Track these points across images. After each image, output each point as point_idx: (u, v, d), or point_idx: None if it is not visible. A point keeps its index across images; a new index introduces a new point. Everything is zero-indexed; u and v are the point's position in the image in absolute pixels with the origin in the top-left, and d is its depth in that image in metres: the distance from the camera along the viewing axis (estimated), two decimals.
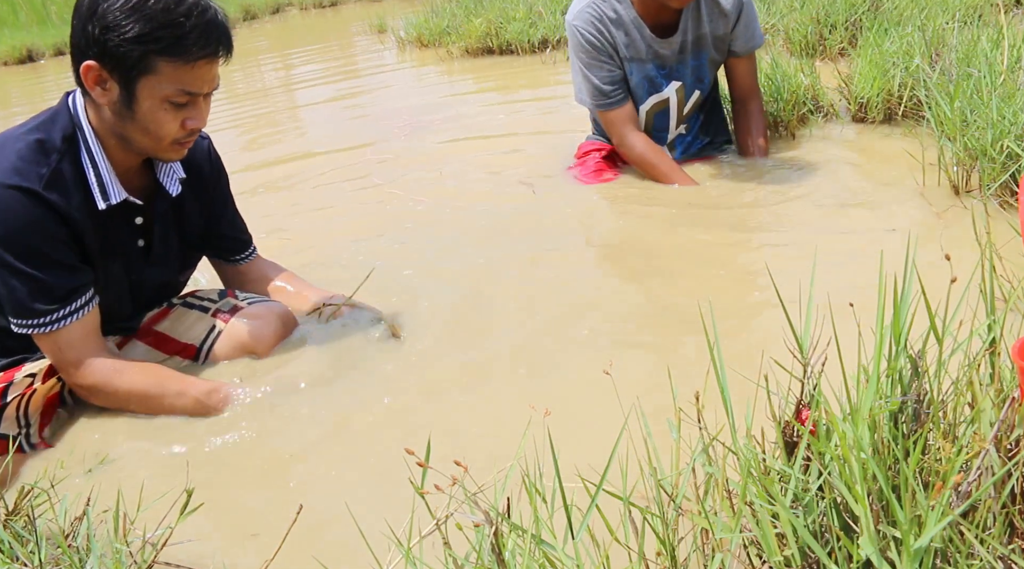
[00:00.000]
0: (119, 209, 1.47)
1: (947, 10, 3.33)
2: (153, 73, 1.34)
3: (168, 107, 1.37)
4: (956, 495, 0.72)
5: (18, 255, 1.35)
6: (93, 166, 1.42)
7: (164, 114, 1.38)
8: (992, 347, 0.89)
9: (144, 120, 1.38)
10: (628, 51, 2.32)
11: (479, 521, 0.75)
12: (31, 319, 1.39)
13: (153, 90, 1.35)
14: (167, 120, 1.39)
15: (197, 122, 1.42)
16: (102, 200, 1.42)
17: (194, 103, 1.40)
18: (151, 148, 1.43)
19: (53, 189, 1.36)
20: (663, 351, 1.54)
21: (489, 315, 1.76)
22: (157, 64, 1.33)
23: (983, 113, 1.99)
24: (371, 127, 3.79)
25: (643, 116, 2.44)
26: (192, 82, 1.37)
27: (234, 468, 1.33)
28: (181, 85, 1.35)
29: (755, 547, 0.85)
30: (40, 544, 0.95)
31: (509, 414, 1.37)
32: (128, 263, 1.54)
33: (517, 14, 5.40)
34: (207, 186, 1.68)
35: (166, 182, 1.55)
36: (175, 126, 1.40)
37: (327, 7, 11.02)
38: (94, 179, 1.42)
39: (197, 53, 1.33)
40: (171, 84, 1.35)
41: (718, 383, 0.86)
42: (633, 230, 2.16)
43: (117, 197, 1.44)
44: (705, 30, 2.33)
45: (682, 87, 2.40)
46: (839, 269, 1.74)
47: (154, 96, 1.36)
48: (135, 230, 1.53)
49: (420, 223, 2.40)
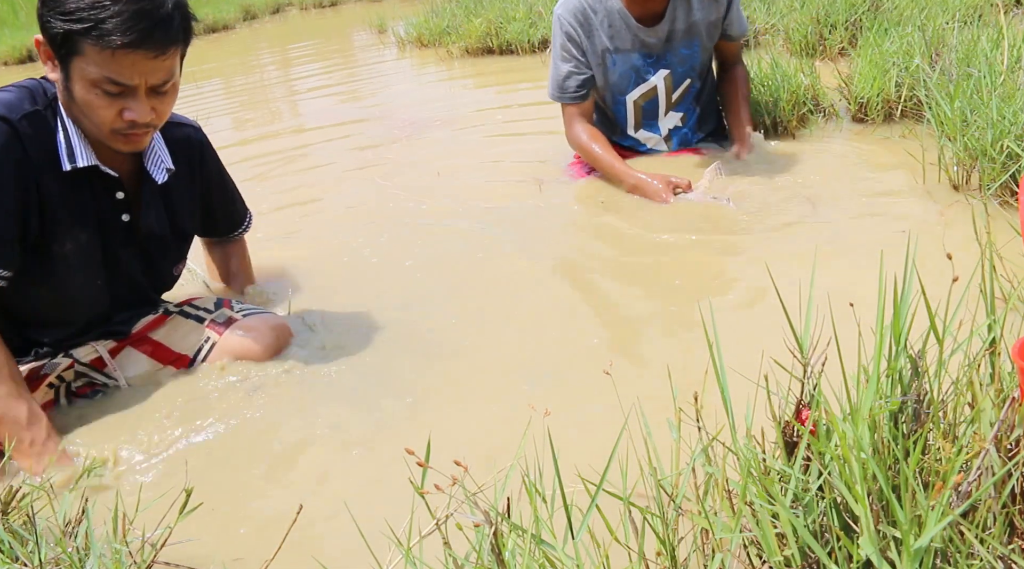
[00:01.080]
0: (96, 178, 1.43)
1: (947, 10, 3.33)
2: (80, 55, 1.27)
3: (100, 93, 1.30)
4: (956, 495, 0.72)
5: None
6: (63, 129, 1.37)
7: (96, 99, 1.30)
8: (992, 347, 0.89)
9: (80, 103, 1.32)
10: (612, 43, 2.33)
11: (479, 521, 0.75)
12: None
13: (82, 72, 1.28)
14: (100, 106, 1.31)
15: (135, 114, 1.32)
16: (68, 161, 1.37)
17: (131, 94, 1.31)
18: (95, 134, 1.37)
19: (30, 126, 1.33)
20: (663, 351, 1.54)
21: (489, 315, 1.76)
22: (82, 46, 1.26)
23: (983, 113, 1.99)
24: (371, 127, 3.79)
25: (630, 106, 2.44)
26: (119, 72, 1.27)
27: (234, 469, 1.33)
28: (108, 73, 1.27)
29: (755, 547, 0.85)
30: (40, 544, 0.95)
31: (509, 414, 1.37)
32: (106, 235, 1.49)
33: (517, 14, 5.39)
34: (196, 179, 1.66)
35: (152, 169, 1.51)
36: (110, 114, 1.32)
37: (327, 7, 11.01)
38: (62, 139, 1.37)
39: (117, 42, 1.24)
40: (98, 69, 1.27)
41: (718, 383, 0.86)
42: (632, 230, 2.16)
43: (84, 161, 1.38)
44: (696, 18, 2.34)
45: (670, 75, 2.40)
46: (839, 269, 1.74)
47: (84, 78, 1.29)
48: (117, 204, 1.49)
49: (420, 223, 2.40)
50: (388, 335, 1.70)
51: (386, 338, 1.69)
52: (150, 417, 1.48)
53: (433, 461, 0.82)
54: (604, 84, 2.41)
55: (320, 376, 1.56)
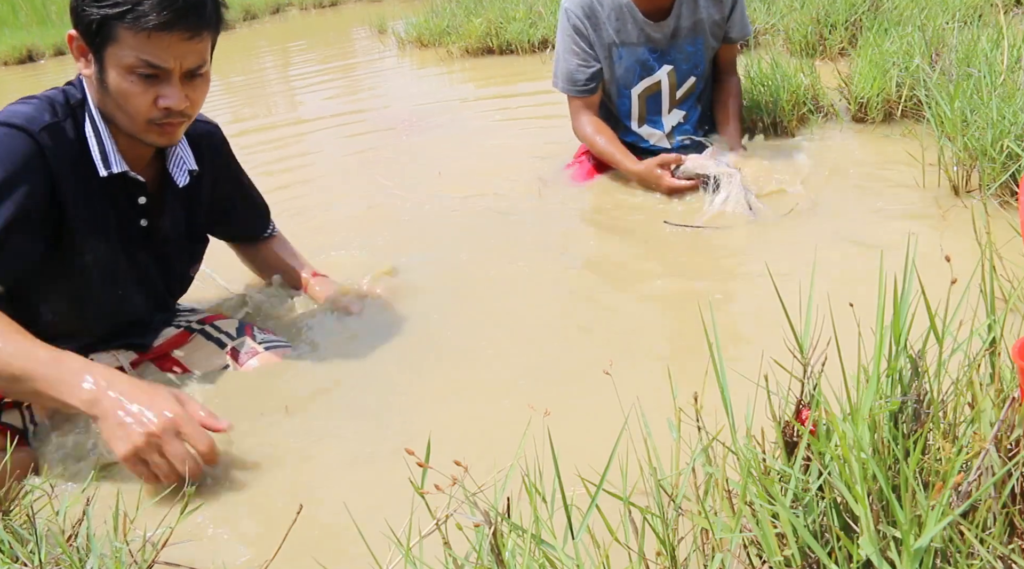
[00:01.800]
0: (120, 184, 1.42)
1: (947, 10, 3.33)
2: (115, 41, 1.27)
3: (135, 79, 1.29)
4: (956, 495, 0.72)
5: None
6: (96, 133, 1.36)
7: (131, 86, 1.30)
8: (992, 347, 0.89)
9: (115, 93, 1.31)
10: (619, 36, 2.34)
11: (479, 521, 0.75)
12: None
13: (117, 59, 1.28)
14: (135, 93, 1.30)
15: (170, 100, 1.32)
16: (103, 167, 1.36)
17: (166, 79, 1.31)
18: (129, 127, 1.35)
19: (51, 138, 1.31)
20: (663, 351, 1.54)
21: (488, 315, 1.76)
22: (117, 31, 1.26)
23: (983, 113, 1.99)
24: (371, 127, 3.79)
25: (635, 99, 2.45)
26: (154, 53, 1.28)
27: (234, 469, 1.33)
28: (143, 55, 1.27)
29: (755, 547, 0.85)
30: (40, 544, 0.95)
31: (509, 414, 1.37)
32: (124, 242, 1.47)
33: (517, 14, 5.39)
34: (218, 178, 1.65)
35: (175, 172, 1.49)
36: (145, 102, 1.31)
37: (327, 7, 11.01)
38: (95, 145, 1.36)
39: (152, 22, 1.24)
40: (132, 53, 1.27)
41: (718, 383, 0.86)
42: (631, 230, 2.16)
43: (118, 167, 1.37)
44: (702, 15, 2.35)
45: (674, 71, 2.41)
46: (839, 269, 1.74)
47: (118, 66, 1.29)
48: (139, 210, 1.48)
49: (419, 224, 2.40)
50: (387, 335, 1.70)
51: (385, 338, 1.69)
52: None
53: (433, 461, 0.82)
54: (610, 77, 2.41)
55: (319, 376, 1.56)
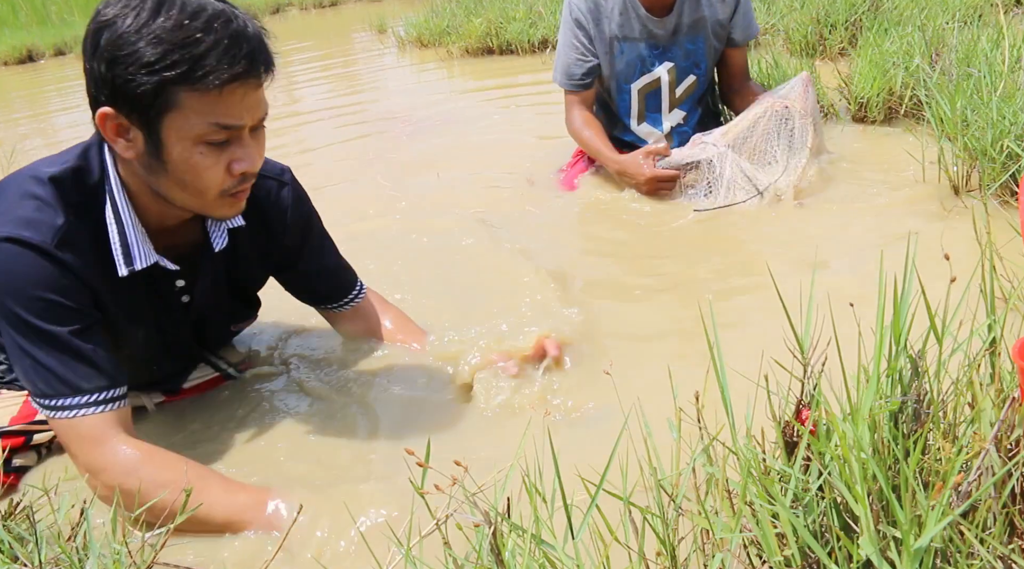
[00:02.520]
0: (154, 273, 1.25)
1: (947, 10, 3.33)
2: (177, 108, 1.07)
3: (205, 150, 1.10)
4: (956, 495, 0.72)
5: (36, 315, 1.12)
6: (118, 224, 1.18)
7: (201, 158, 1.11)
8: (992, 347, 0.89)
9: (179, 170, 1.12)
10: (621, 31, 2.34)
11: (479, 521, 0.75)
12: (47, 398, 1.15)
13: (181, 130, 1.08)
14: (206, 166, 1.11)
15: (247, 164, 1.14)
16: (124, 265, 1.19)
17: (238, 140, 1.13)
18: (196, 205, 1.18)
19: (67, 244, 1.14)
20: (663, 351, 1.54)
21: (487, 315, 1.76)
22: (179, 96, 1.06)
23: (983, 113, 1.99)
24: (371, 127, 3.79)
25: (634, 95, 2.44)
26: (227, 112, 1.09)
27: (234, 469, 1.33)
28: (214, 118, 1.08)
29: (755, 547, 0.85)
30: (40, 544, 0.95)
31: (509, 414, 1.37)
32: (165, 323, 1.33)
33: (517, 14, 5.39)
34: (279, 238, 1.42)
35: (213, 234, 1.30)
36: (219, 173, 1.13)
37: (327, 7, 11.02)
38: (116, 239, 1.18)
39: (224, 75, 1.05)
40: (201, 119, 1.08)
41: (718, 383, 0.86)
42: (629, 231, 2.16)
43: (144, 261, 1.20)
44: (704, 14, 2.34)
45: (674, 68, 2.40)
46: (839, 269, 1.74)
47: (184, 138, 1.09)
48: (177, 292, 1.33)
49: (419, 224, 2.40)
50: None
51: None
52: (152, 415, 1.48)
53: (433, 461, 0.82)
54: (610, 72, 2.41)
55: (318, 377, 1.56)
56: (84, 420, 1.15)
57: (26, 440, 1.36)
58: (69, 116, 5.26)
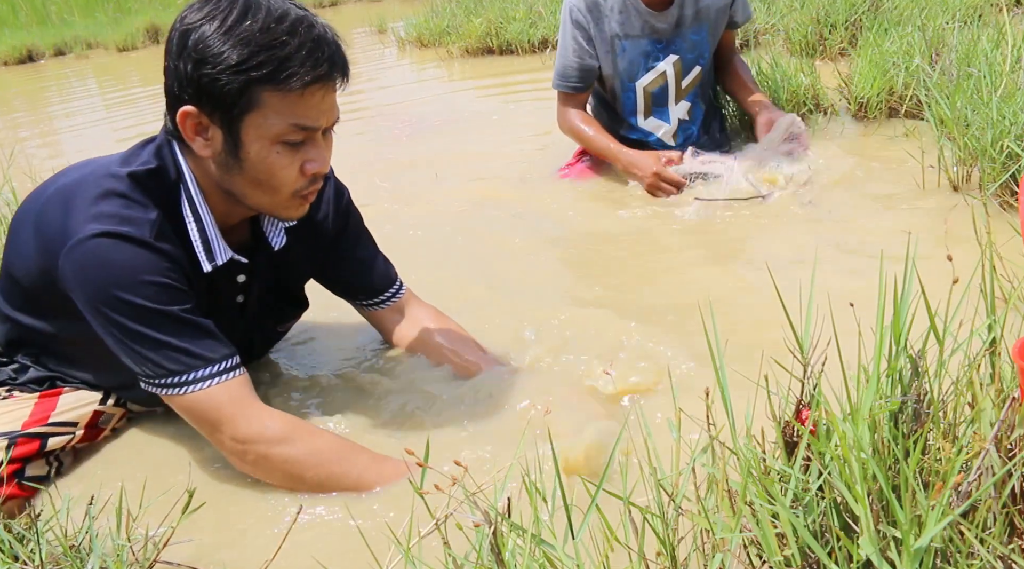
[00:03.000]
0: (223, 268, 1.29)
1: (947, 10, 3.33)
2: (258, 108, 1.12)
3: (281, 149, 1.15)
4: (956, 495, 0.72)
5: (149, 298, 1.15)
6: (197, 222, 1.23)
7: (278, 158, 1.16)
8: (992, 347, 0.89)
9: (255, 169, 1.17)
10: (623, 29, 2.33)
11: (479, 521, 0.75)
12: (176, 376, 1.18)
13: (261, 129, 1.14)
14: (282, 165, 1.16)
15: (319, 165, 1.18)
16: (207, 261, 1.24)
17: (312, 141, 1.18)
18: (267, 204, 1.22)
19: (163, 238, 1.18)
20: (663, 351, 1.54)
21: (487, 316, 1.76)
22: (261, 96, 1.11)
23: (983, 113, 1.99)
24: (370, 127, 3.79)
25: (640, 92, 2.43)
26: (306, 113, 1.14)
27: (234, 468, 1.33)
28: (293, 118, 1.13)
29: (755, 547, 0.85)
30: (40, 544, 0.95)
31: (509, 414, 1.37)
32: (225, 324, 1.32)
33: (517, 14, 5.39)
34: (320, 233, 1.44)
35: (270, 235, 1.34)
36: (293, 172, 1.18)
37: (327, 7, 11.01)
38: (198, 237, 1.23)
39: (307, 77, 1.11)
40: (281, 119, 1.13)
41: (718, 383, 0.86)
42: (629, 231, 2.16)
43: (223, 257, 1.25)
44: (705, 3, 2.34)
45: (679, 61, 2.39)
46: (839, 269, 1.74)
47: (263, 137, 1.14)
48: (236, 288, 1.36)
49: (419, 224, 2.40)
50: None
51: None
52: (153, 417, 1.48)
53: (433, 461, 0.82)
54: (613, 72, 2.40)
55: (318, 377, 1.56)
56: (220, 388, 1.20)
57: (40, 446, 1.31)
58: (69, 117, 5.26)
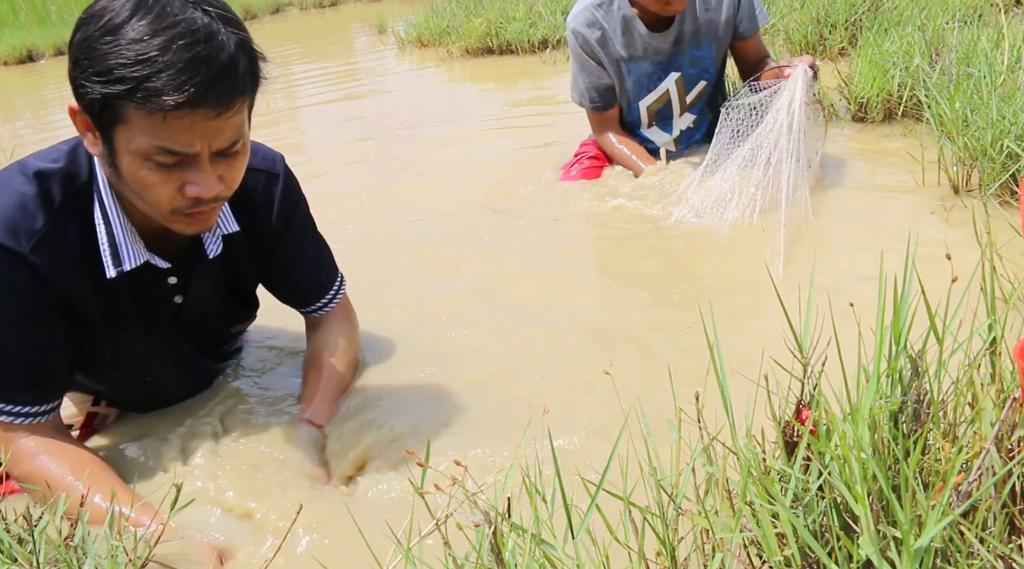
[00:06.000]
0: (145, 272, 1.23)
1: (947, 10, 3.33)
2: (125, 122, 1.01)
3: (152, 167, 1.05)
4: (956, 495, 0.72)
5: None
6: (106, 225, 1.16)
7: (149, 174, 1.05)
8: (992, 347, 0.89)
9: (131, 181, 1.07)
10: (626, 50, 2.34)
11: (479, 521, 0.75)
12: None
13: (130, 144, 1.03)
14: (154, 182, 1.05)
15: (200, 189, 1.07)
16: (112, 266, 1.17)
17: (194, 164, 1.06)
18: (154, 216, 1.13)
19: (44, 250, 1.12)
20: (663, 351, 1.54)
21: (487, 316, 1.76)
22: (126, 111, 1.00)
23: (983, 113, 1.99)
24: (370, 127, 3.79)
25: (643, 111, 2.45)
26: (174, 138, 1.01)
27: (235, 469, 1.33)
28: (158, 141, 1.01)
29: (755, 547, 0.85)
30: (38, 545, 0.94)
31: (509, 414, 1.37)
32: (153, 326, 1.29)
33: (517, 14, 5.40)
34: (263, 234, 1.37)
35: (207, 241, 1.27)
36: (168, 191, 1.07)
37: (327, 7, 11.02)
38: (105, 240, 1.16)
39: (169, 101, 0.97)
40: (146, 139, 1.01)
41: (718, 383, 0.86)
42: (629, 231, 2.16)
43: (134, 261, 1.19)
44: (705, 18, 2.33)
45: (681, 78, 2.40)
46: (839, 269, 1.74)
47: (131, 151, 1.04)
48: (169, 290, 1.29)
49: (418, 225, 2.40)
50: (383, 336, 1.70)
51: (381, 338, 1.68)
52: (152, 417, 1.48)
53: (433, 461, 0.82)
54: (620, 91, 2.44)
55: None
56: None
57: None
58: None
